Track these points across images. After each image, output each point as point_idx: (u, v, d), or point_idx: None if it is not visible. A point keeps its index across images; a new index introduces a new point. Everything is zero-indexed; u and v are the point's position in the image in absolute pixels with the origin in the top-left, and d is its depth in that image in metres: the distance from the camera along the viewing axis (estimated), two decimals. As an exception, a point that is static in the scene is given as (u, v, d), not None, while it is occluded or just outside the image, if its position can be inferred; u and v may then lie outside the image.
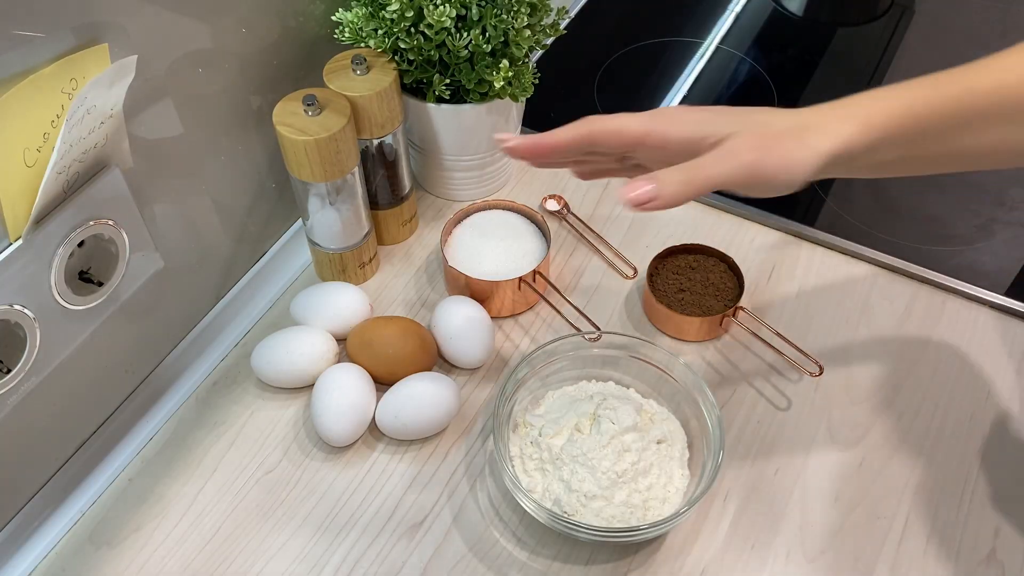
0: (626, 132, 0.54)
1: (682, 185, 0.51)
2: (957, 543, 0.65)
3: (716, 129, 0.52)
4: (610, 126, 0.54)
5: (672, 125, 0.53)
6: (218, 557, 0.65)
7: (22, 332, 0.57)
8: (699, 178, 0.51)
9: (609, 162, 0.59)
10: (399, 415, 0.69)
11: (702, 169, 0.51)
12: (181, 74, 0.65)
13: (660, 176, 0.51)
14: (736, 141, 0.52)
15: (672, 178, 0.51)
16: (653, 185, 0.50)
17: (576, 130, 0.55)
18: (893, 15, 1.09)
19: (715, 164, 0.51)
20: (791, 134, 0.52)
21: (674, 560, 0.65)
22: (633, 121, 0.54)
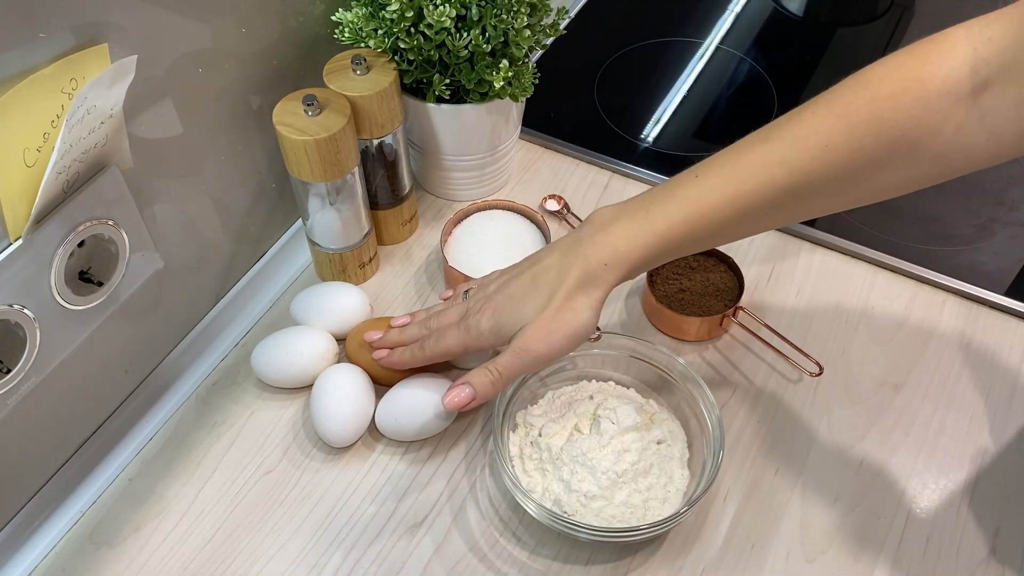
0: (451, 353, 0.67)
1: (492, 385, 0.64)
2: (957, 543, 0.65)
3: (508, 330, 0.63)
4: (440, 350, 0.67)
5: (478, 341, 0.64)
6: (218, 557, 0.65)
7: (22, 332, 0.57)
8: (503, 376, 0.64)
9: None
10: (399, 419, 0.69)
11: (504, 368, 0.63)
12: (181, 74, 0.65)
13: (472, 380, 0.64)
14: (524, 339, 0.62)
15: (483, 380, 0.64)
16: (470, 389, 0.64)
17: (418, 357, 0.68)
18: (893, 15, 1.09)
19: (512, 362, 0.63)
20: (564, 307, 0.61)
21: (674, 560, 0.65)
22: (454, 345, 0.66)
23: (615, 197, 0.88)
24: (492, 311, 0.64)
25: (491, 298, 0.65)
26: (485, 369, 0.64)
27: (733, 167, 0.59)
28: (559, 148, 0.93)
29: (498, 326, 0.63)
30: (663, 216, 0.60)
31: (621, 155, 0.92)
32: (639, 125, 0.96)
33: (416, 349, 0.68)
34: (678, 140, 0.95)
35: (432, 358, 0.67)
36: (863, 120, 0.55)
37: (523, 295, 0.63)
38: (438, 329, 0.67)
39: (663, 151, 0.93)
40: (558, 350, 0.62)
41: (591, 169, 0.91)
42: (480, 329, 0.64)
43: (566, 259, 0.62)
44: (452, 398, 0.64)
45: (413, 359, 0.68)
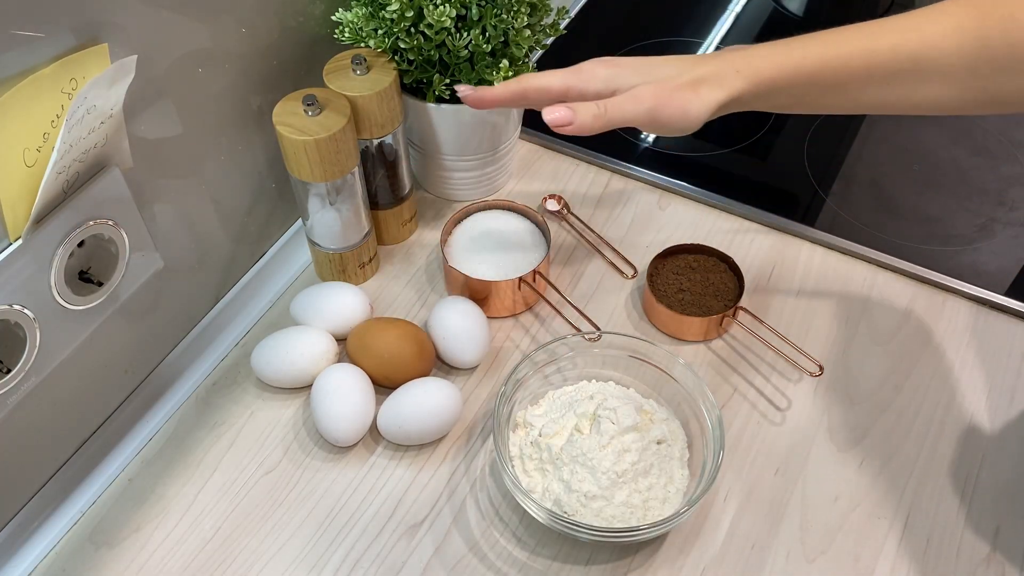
0: (551, 89, 0.65)
1: (593, 117, 0.62)
2: (957, 543, 0.65)
3: (624, 82, 0.63)
4: (537, 84, 0.65)
5: (588, 83, 0.64)
6: (218, 557, 0.65)
7: (22, 332, 0.57)
8: (608, 114, 0.62)
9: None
10: (403, 424, 0.69)
11: (611, 107, 0.62)
12: (181, 74, 0.65)
13: (577, 107, 0.62)
14: (641, 88, 0.62)
15: (587, 110, 0.62)
16: (570, 111, 0.62)
17: (511, 87, 0.65)
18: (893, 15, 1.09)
19: (622, 105, 0.62)
20: (688, 87, 0.62)
21: (674, 560, 0.65)
22: (555, 80, 0.64)
23: (615, 197, 0.88)
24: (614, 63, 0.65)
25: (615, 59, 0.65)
26: (594, 103, 0.63)
27: (873, 26, 0.62)
28: (559, 148, 0.93)
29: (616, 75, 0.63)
30: (801, 47, 0.63)
31: (621, 155, 0.92)
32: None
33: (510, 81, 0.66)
34: (678, 140, 0.94)
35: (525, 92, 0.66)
36: (997, 15, 0.58)
37: (652, 65, 0.64)
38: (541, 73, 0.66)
39: (663, 151, 0.93)
40: (667, 117, 0.62)
41: (591, 169, 0.91)
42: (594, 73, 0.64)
43: (703, 58, 0.65)
44: (551, 111, 0.62)
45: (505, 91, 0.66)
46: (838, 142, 0.94)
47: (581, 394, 0.70)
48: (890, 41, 0.61)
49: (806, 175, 0.90)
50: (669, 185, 0.89)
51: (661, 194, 0.89)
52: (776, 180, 0.91)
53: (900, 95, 0.63)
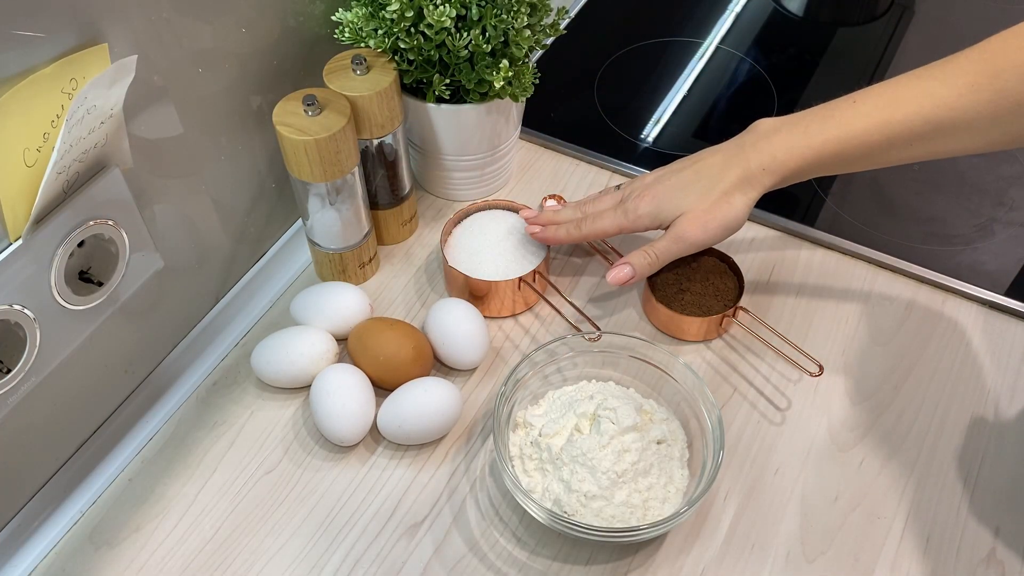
0: (607, 233, 0.74)
1: (649, 266, 0.73)
2: (957, 543, 0.65)
3: (667, 216, 0.72)
4: (596, 232, 0.75)
5: (636, 223, 0.73)
6: (218, 557, 0.65)
7: (22, 332, 0.57)
8: (660, 259, 0.73)
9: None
10: (403, 424, 0.69)
11: (662, 252, 0.73)
12: (181, 74, 0.65)
13: (633, 261, 0.73)
14: (682, 226, 0.71)
15: (642, 262, 0.73)
16: (630, 267, 0.73)
17: (574, 236, 0.75)
18: (893, 15, 1.09)
19: (670, 247, 0.72)
20: (722, 201, 0.70)
21: (674, 560, 0.65)
22: (610, 227, 0.74)
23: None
24: (652, 197, 0.71)
25: (651, 187, 0.72)
26: (643, 252, 0.72)
27: (887, 96, 0.65)
28: (559, 148, 0.93)
29: (657, 211, 0.71)
30: (820, 133, 0.67)
31: (621, 155, 0.92)
32: (639, 125, 0.96)
33: (572, 228, 0.75)
34: (678, 140, 0.95)
35: (586, 237, 0.75)
36: (1010, 65, 0.60)
37: (684, 186, 0.71)
38: (594, 212, 0.75)
39: (663, 151, 0.93)
40: (711, 238, 0.71)
41: (591, 169, 0.91)
42: (639, 212, 0.72)
43: (728, 160, 0.70)
44: (615, 275, 0.73)
45: (568, 236, 0.75)
46: (838, 142, 0.93)
47: (581, 394, 0.70)
48: (905, 111, 0.64)
49: (806, 175, 0.90)
50: (669, 185, 0.89)
51: (661, 194, 0.89)
52: (776, 180, 0.91)
53: (925, 152, 0.66)
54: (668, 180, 0.72)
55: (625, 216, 0.72)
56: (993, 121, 0.61)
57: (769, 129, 0.69)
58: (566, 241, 0.76)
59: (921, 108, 0.63)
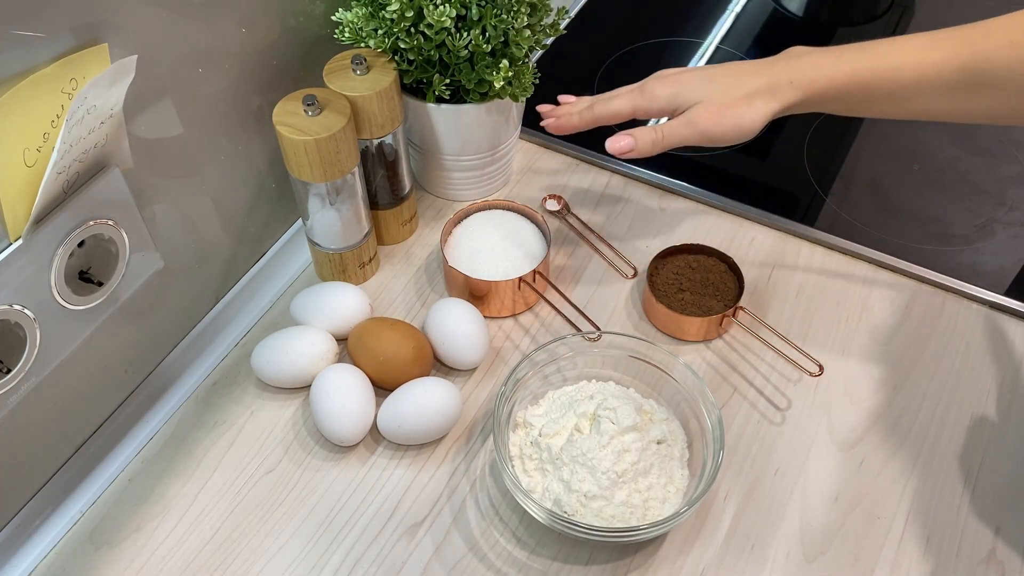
0: (621, 113, 0.72)
1: (652, 143, 0.70)
2: (957, 543, 0.65)
3: (685, 100, 0.69)
4: (609, 111, 0.72)
5: (652, 103, 0.70)
6: (218, 557, 0.65)
7: (22, 332, 0.57)
8: (665, 139, 0.69)
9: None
10: (403, 424, 0.69)
11: (668, 133, 0.69)
12: (181, 74, 0.65)
13: (636, 133, 0.70)
14: (697, 111, 0.68)
15: (645, 136, 0.70)
16: (631, 139, 0.70)
17: (586, 117, 0.73)
18: (893, 15, 1.09)
19: (678, 130, 0.69)
20: (742, 101, 0.67)
21: (674, 560, 0.65)
22: (624, 105, 0.71)
23: (615, 197, 0.88)
24: (674, 82, 0.70)
25: (675, 74, 0.71)
26: (650, 127, 0.70)
27: (926, 39, 0.64)
28: (559, 148, 0.93)
29: (676, 94, 0.69)
30: (853, 59, 0.66)
31: (621, 155, 0.92)
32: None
33: (585, 110, 0.72)
34: (678, 140, 0.94)
35: (599, 119, 0.72)
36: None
37: (710, 79, 0.69)
38: (609, 96, 0.73)
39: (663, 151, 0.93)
40: (720, 134, 0.68)
41: (591, 169, 0.91)
42: (656, 93, 0.70)
43: (759, 68, 0.69)
44: (614, 142, 0.70)
45: (581, 120, 0.73)
46: (838, 142, 0.94)
47: (581, 394, 0.70)
48: (941, 54, 0.63)
49: (806, 175, 0.90)
50: (669, 185, 0.89)
51: (661, 194, 0.89)
52: (776, 180, 0.91)
53: (952, 105, 0.64)
54: (695, 71, 0.71)
55: (642, 95, 0.70)
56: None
57: (803, 51, 0.69)
58: (579, 125, 0.73)
59: (958, 55, 0.62)
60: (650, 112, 0.71)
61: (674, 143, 0.69)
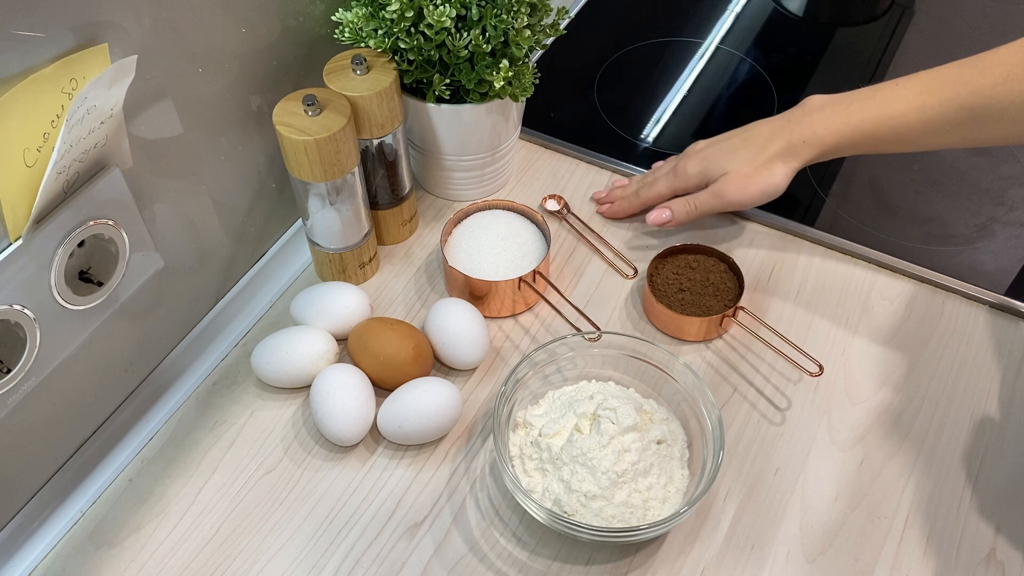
0: (663, 196, 0.82)
1: (687, 214, 0.80)
2: (957, 543, 0.65)
3: (713, 173, 0.78)
4: (653, 196, 0.82)
5: (686, 183, 0.80)
6: (218, 557, 0.65)
7: (22, 332, 0.57)
8: (698, 210, 0.79)
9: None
10: (403, 424, 0.69)
11: (701, 204, 0.79)
12: (181, 74, 0.65)
13: (673, 207, 0.80)
14: (724, 184, 0.77)
15: (681, 209, 0.80)
16: (669, 212, 0.80)
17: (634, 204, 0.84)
18: (893, 15, 1.09)
19: (709, 200, 0.79)
20: (764, 167, 0.76)
21: (674, 560, 0.65)
22: (664, 188, 0.81)
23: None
24: (702, 159, 0.79)
25: (702, 151, 0.79)
26: (684, 200, 0.79)
27: (926, 81, 0.68)
28: (559, 148, 0.93)
29: (705, 170, 0.78)
30: (859, 111, 0.71)
31: (621, 155, 0.92)
32: (639, 125, 0.96)
33: (632, 196, 0.83)
34: (678, 140, 0.95)
35: (646, 203, 0.82)
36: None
37: (732, 150, 0.77)
38: (651, 180, 0.83)
39: (663, 151, 0.93)
40: (748, 199, 0.77)
41: (591, 169, 0.91)
42: (688, 173, 0.79)
43: (775, 131, 0.76)
44: (655, 216, 0.80)
45: (631, 206, 0.83)
46: (838, 142, 0.93)
47: (581, 394, 0.70)
48: (941, 96, 0.67)
49: (806, 175, 0.90)
50: (669, 185, 0.89)
51: (661, 194, 0.89)
52: (776, 180, 0.91)
53: (961, 139, 0.68)
54: (718, 144, 0.78)
55: (676, 177, 0.80)
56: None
57: (815, 105, 0.74)
58: (629, 211, 0.83)
59: (957, 95, 0.65)
60: (686, 189, 0.80)
61: (706, 212, 0.79)
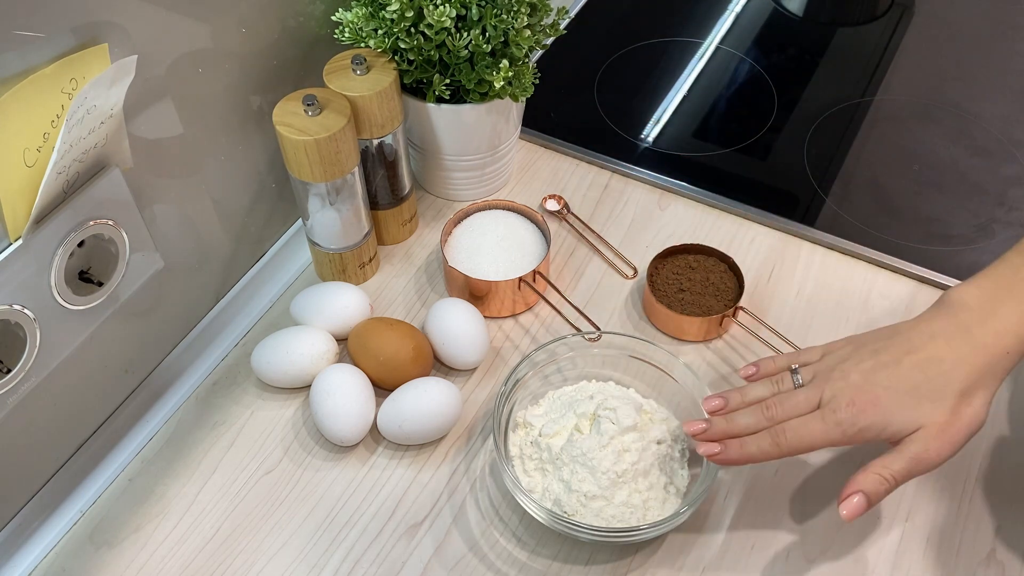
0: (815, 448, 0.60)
1: (885, 492, 0.58)
2: (957, 543, 0.65)
3: (895, 433, 0.58)
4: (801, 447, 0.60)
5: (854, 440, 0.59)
6: (218, 557, 0.65)
7: (22, 332, 0.57)
8: (899, 483, 0.58)
9: None
10: (403, 424, 0.69)
11: (903, 476, 0.57)
12: (181, 74, 0.65)
13: (866, 490, 0.57)
14: (923, 444, 0.57)
15: (876, 488, 0.57)
16: (864, 498, 0.57)
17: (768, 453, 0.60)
18: (893, 15, 1.09)
19: (912, 469, 0.57)
20: (963, 405, 0.57)
21: (674, 560, 0.65)
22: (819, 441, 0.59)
23: (615, 197, 0.88)
24: (875, 407, 0.58)
25: (866, 391, 0.58)
26: (879, 476, 0.58)
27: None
28: (559, 148, 0.93)
29: (884, 425, 0.58)
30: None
31: (621, 155, 0.92)
32: (639, 125, 0.96)
33: (768, 446, 0.59)
34: (678, 140, 0.95)
35: (786, 454, 0.60)
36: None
37: (913, 390, 0.58)
38: (789, 420, 0.60)
39: (663, 151, 0.93)
40: (956, 451, 0.58)
41: (591, 169, 0.91)
42: (858, 426, 0.58)
43: (958, 350, 0.58)
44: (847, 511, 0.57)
45: (764, 456, 0.60)
46: (838, 142, 0.94)
47: (581, 394, 0.70)
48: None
49: (806, 175, 0.90)
50: (669, 185, 0.89)
51: (661, 194, 0.89)
52: (776, 180, 0.91)
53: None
54: (881, 379, 0.58)
55: (842, 431, 0.58)
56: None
57: (986, 301, 0.59)
58: (757, 458, 0.60)
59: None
60: (852, 444, 0.59)
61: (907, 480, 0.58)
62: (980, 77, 1.00)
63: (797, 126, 0.95)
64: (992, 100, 0.97)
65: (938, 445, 0.57)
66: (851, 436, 0.58)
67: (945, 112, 0.96)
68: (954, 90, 0.98)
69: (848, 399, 0.58)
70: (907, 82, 0.99)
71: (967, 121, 0.95)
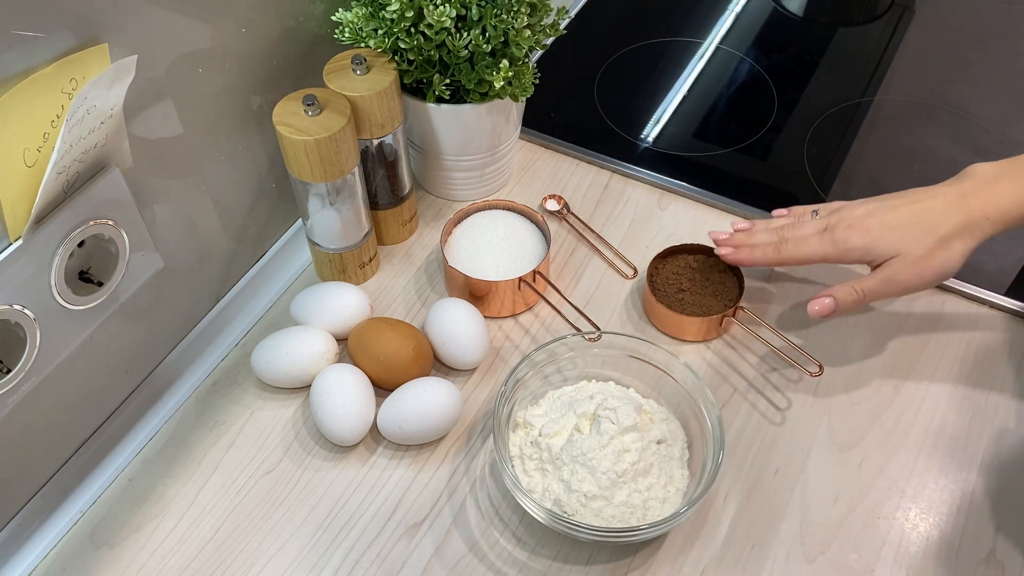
0: (810, 260, 0.71)
1: (853, 303, 0.69)
2: (957, 543, 0.65)
3: (879, 255, 0.68)
4: (798, 258, 0.71)
5: (844, 256, 0.69)
6: (218, 557, 0.65)
7: (22, 332, 0.57)
8: (867, 299, 0.69)
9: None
10: (403, 424, 0.69)
11: (870, 292, 0.69)
12: (181, 74, 0.65)
13: (838, 296, 0.70)
14: (896, 269, 0.67)
15: (847, 298, 0.69)
16: (833, 300, 0.70)
17: (770, 258, 0.73)
18: (893, 15, 1.09)
19: (880, 289, 0.68)
20: (940, 248, 0.66)
21: (674, 560, 0.65)
22: (814, 254, 0.71)
23: (615, 197, 0.88)
24: (866, 231, 0.68)
25: (863, 220, 0.69)
26: (850, 287, 0.69)
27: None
28: (559, 148, 0.93)
29: (871, 247, 0.68)
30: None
31: (621, 155, 0.92)
32: (639, 125, 0.96)
33: (770, 250, 0.72)
34: (678, 140, 0.95)
35: (785, 262, 0.72)
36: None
37: (902, 226, 0.68)
38: (796, 237, 0.71)
39: (663, 151, 0.93)
40: (924, 284, 0.68)
41: (591, 169, 0.91)
42: (849, 244, 0.69)
43: (950, 206, 0.67)
44: (816, 307, 0.70)
45: (765, 259, 0.72)
46: (838, 142, 0.94)
47: (581, 394, 0.70)
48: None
49: (806, 175, 0.90)
50: (669, 185, 0.89)
51: (661, 194, 0.89)
52: (776, 180, 0.91)
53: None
54: (883, 215, 0.69)
55: (834, 246, 0.69)
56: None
57: (989, 176, 0.68)
58: (762, 263, 0.73)
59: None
60: (841, 261, 0.71)
61: (874, 300, 0.71)
62: (980, 77, 1.00)
63: (797, 126, 0.95)
64: (992, 100, 0.97)
65: (909, 273, 0.67)
66: (840, 254, 0.69)
67: (945, 112, 0.96)
68: (954, 90, 0.98)
69: (847, 224, 0.69)
70: (907, 82, 0.99)
71: (967, 121, 0.95)
